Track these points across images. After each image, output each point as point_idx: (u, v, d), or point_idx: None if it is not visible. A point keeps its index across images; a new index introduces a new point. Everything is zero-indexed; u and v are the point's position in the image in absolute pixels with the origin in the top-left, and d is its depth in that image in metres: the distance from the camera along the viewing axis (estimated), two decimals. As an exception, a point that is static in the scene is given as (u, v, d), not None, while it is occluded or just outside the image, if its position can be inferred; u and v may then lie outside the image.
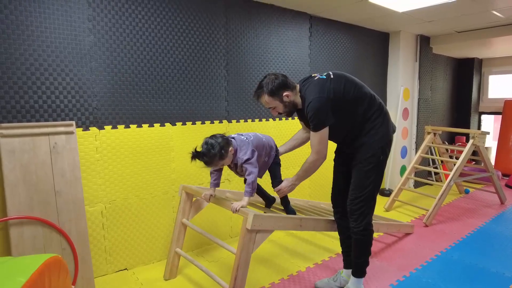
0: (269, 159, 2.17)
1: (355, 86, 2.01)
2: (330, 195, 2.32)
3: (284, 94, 1.95)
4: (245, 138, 2.05)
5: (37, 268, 1.30)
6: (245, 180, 2.21)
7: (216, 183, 2.16)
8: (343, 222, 2.25)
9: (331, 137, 2.00)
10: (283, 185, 2.14)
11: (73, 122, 2.23)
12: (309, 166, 2.04)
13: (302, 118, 2.13)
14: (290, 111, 2.03)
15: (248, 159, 1.97)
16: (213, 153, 1.88)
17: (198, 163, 1.92)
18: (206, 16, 2.82)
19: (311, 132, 1.98)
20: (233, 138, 2.04)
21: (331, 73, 2.01)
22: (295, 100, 2.00)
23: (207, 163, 1.93)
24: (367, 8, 3.40)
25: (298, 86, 2.02)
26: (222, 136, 1.96)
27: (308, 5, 3.31)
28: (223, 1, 2.91)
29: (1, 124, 1.99)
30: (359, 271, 2.17)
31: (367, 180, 2.03)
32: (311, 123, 1.93)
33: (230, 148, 1.96)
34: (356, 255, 2.16)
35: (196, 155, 1.90)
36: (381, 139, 2.03)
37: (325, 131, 1.94)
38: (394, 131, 2.14)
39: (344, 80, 1.99)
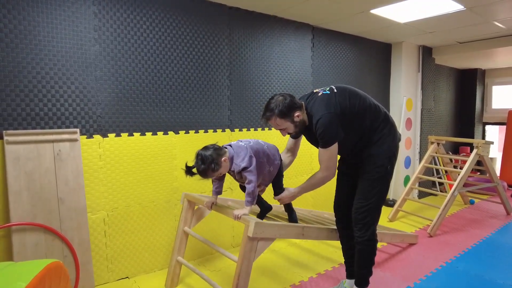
0: (274, 169, 2.12)
1: (360, 99, 1.99)
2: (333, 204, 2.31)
3: (296, 114, 1.92)
4: (243, 144, 2.01)
5: (38, 273, 1.31)
6: (241, 187, 2.19)
7: (217, 191, 2.15)
8: (346, 232, 2.24)
9: (338, 151, 1.98)
10: (284, 194, 2.13)
11: (77, 130, 2.26)
12: (317, 181, 2.03)
13: (308, 136, 2.10)
14: (300, 130, 2.01)
15: (246, 168, 1.92)
16: (203, 168, 1.86)
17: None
18: (209, 26, 2.87)
19: (319, 148, 1.95)
20: (229, 145, 2.00)
21: (333, 87, 2.00)
22: (304, 119, 1.97)
23: (201, 176, 1.91)
24: (369, 19, 3.44)
25: (303, 104, 2.00)
26: (214, 146, 1.92)
27: (310, 16, 3.36)
28: (226, 12, 2.96)
29: (6, 131, 2.03)
30: (362, 282, 2.14)
31: (373, 190, 2.02)
32: (321, 140, 1.91)
33: (224, 158, 1.91)
34: (360, 265, 2.12)
35: (187, 171, 1.89)
36: (388, 149, 2.02)
37: (335, 147, 1.93)
38: (399, 140, 2.13)
39: (348, 94, 1.97)
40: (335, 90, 1.97)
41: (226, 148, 1.98)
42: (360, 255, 2.11)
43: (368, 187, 2.03)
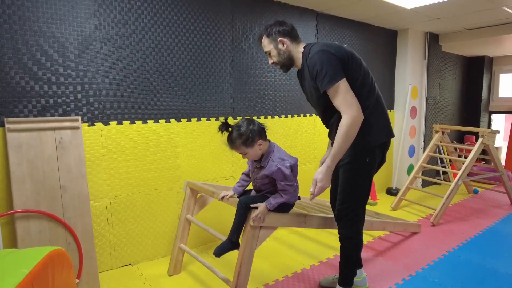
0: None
1: (360, 69, 1.78)
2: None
3: (280, 39, 1.82)
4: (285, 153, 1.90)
5: (40, 260, 1.31)
6: (255, 189, 2.05)
7: (237, 187, 2.09)
8: None
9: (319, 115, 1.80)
10: (319, 177, 1.71)
11: (79, 117, 2.25)
12: (346, 129, 1.64)
13: (305, 85, 1.92)
14: (284, 63, 1.88)
15: (286, 175, 1.76)
16: (239, 131, 1.78)
17: (204, 160, 1.87)
18: (212, 12, 2.81)
19: (328, 92, 1.67)
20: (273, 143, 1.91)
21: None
22: (291, 52, 1.85)
23: (229, 139, 1.80)
24: (375, 5, 3.36)
25: (303, 44, 1.88)
26: (261, 125, 1.84)
27: (315, 2, 3.29)
28: (229, -2, 2.91)
29: (8, 119, 2.02)
30: (344, 281, 2.06)
31: (354, 184, 1.88)
32: (320, 79, 1.67)
33: (261, 141, 1.80)
34: (342, 264, 2.04)
35: (224, 124, 1.79)
36: (368, 141, 1.81)
37: (344, 83, 1.64)
38: (390, 134, 1.92)
39: (351, 55, 1.76)
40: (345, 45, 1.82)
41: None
42: (342, 253, 2.02)
43: (348, 181, 1.89)
